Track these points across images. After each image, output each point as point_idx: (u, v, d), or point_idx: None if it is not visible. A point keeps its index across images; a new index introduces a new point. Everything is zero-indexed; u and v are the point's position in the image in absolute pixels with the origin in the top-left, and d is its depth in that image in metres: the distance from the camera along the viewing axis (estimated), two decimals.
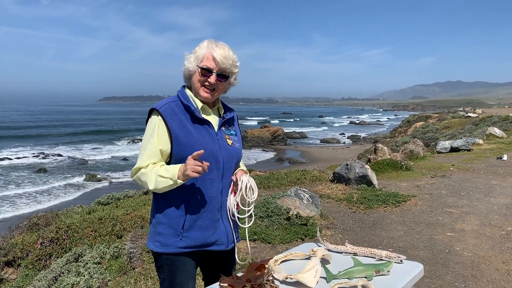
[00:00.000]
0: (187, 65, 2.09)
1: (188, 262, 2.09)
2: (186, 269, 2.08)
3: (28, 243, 6.10)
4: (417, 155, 12.79)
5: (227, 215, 2.15)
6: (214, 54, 2.04)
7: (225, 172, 2.11)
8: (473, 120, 29.93)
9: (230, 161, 2.14)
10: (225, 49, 2.07)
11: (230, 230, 2.16)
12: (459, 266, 4.53)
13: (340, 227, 5.99)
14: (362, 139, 48.26)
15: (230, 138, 2.18)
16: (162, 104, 2.06)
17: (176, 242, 2.03)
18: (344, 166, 8.75)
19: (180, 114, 2.05)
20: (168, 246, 2.04)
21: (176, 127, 2.01)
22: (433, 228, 5.86)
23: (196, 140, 2.02)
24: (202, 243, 2.06)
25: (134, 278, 4.26)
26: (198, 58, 2.06)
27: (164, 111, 2.03)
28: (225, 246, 2.14)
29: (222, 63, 2.04)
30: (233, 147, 2.17)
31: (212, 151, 2.04)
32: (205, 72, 2.05)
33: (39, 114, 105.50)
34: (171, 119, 2.01)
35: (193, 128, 2.04)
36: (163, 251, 2.06)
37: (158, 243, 2.07)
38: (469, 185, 8.69)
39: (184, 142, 2.00)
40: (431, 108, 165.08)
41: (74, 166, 28.72)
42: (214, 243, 2.09)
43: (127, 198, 8.42)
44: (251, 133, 44.64)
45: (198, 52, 2.07)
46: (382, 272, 1.88)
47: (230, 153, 2.14)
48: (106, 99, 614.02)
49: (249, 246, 2.49)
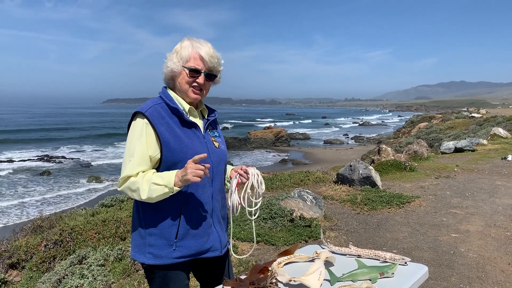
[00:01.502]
0: (171, 65, 1.98)
1: (181, 271, 2.02)
2: (180, 278, 2.02)
3: (32, 245, 6.11)
4: (421, 155, 12.75)
5: (218, 219, 2.09)
6: (201, 53, 1.97)
7: (215, 176, 2.05)
8: (477, 121, 29.80)
9: (219, 164, 2.08)
10: (209, 47, 2.00)
11: (222, 234, 2.12)
12: (464, 268, 4.50)
13: (344, 229, 5.96)
14: (366, 140, 48.17)
15: (216, 141, 2.12)
16: (147, 107, 1.94)
17: (170, 252, 1.94)
18: (347, 167, 8.73)
19: (167, 118, 1.94)
20: (162, 257, 1.95)
21: (165, 132, 1.90)
22: (437, 229, 5.83)
23: (187, 144, 1.94)
24: (197, 251, 2.00)
25: (137, 281, 4.26)
26: (183, 58, 1.97)
27: (151, 114, 1.91)
28: (219, 251, 2.09)
29: (210, 62, 1.98)
30: (220, 149, 2.12)
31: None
32: (193, 73, 1.97)
33: (42, 117, 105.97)
34: (158, 123, 1.90)
35: (182, 132, 1.95)
36: (156, 263, 1.96)
37: (150, 255, 1.96)
38: (474, 186, 8.64)
39: (174, 147, 1.90)
40: (434, 108, 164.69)
41: (78, 169, 28.79)
42: (209, 250, 2.04)
43: (130, 200, 8.42)
44: (254, 134, 44.63)
45: (182, 52, 1.98)
46: (386, 275, 1.86)
47: (219, 156, 2.08)
48: (110, 101, 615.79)
49: (255, 234, 2.47)
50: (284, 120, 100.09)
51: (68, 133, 58.16)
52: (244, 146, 40.38)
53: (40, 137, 50.98)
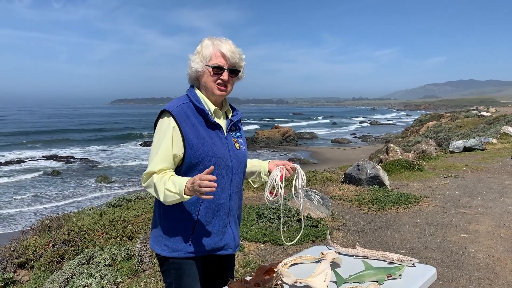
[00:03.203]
0: (195, 66, 2.04)
1: (195, 265, 2.08)
2: (193, 272, 2.07)
3: (41, 245, 6.16)
4: (429, 155, 12.64)
5: (234, 219, 2.16)
6: (222, 50, 2.01)
7: (234, 177, 2.10)
8: (487, 119, 29.52)
9: (239, 166, 2.13)
10: (230, 43, 2.05)
11: (236, 233, 2.18)
12: (473, 268, 4.45)
13: (352, 229, 5.93)
14: (374, 139, 47.93)
15: (238, 142, 2.16)
16: (174, 106, 1.99)
17: (186, 247, 2.02)
18: (355, 167, 8.68)
19: (193, 118, 1.99)
20: (177, 251, 2.02)
21: (190, 132, 1.95)
22: (446, 230, 5.78)
23: (209, 146, 1.98)
24: (211, 248, 2.06)
25: (144, 281, 4.27)
26: (206, 57, 2.02)
27: (177, 114, 1.96)
28: (233, 250, 2.15)
29: (232, 58, 2.02)
30: (241, 151, 2.15)
31: (224, 157, 2.03)
32: (217, 70, 2.01)
33: (51, 117, 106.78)
34: (184, 123, 1.96)
35: (205, 132, 2.00)
36: (171, 255, 2.03)
37: (166, 247, 2.04)
38: (483, 185, 8.55)
39: (197, 147, 1.95)
40: (443, 107, 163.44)
41: (86, 169, 28.99)
42: (223, 248, 2.10)
43: (138, 200, 8.46)
44: (262, 134, 44.61)
45: (204, 52, 2.03)
46: (393, 276, 1.84)
47: (239, 157, 2.12)
48: (118, 101, 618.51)
49: (303, 221, 2.46)
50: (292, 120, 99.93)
51: (76, 132, 58.55)
52: (252, 146, 40.40)
53: (49, 137, 51.38)
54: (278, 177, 2.14)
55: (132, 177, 25.33)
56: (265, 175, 2.25)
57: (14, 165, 30.05)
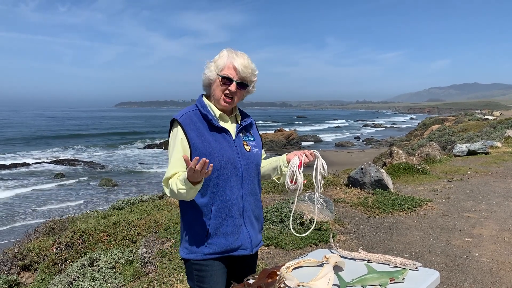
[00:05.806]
0: (208, 73, 2.14)
1: (215, 267, 2.14)
2: (214, 274, 2.13)
3: (45, 247, 6.18)
4: (433, 158, 12.60)
5: (250, 220, 2.20)
6: (235, 64, 2.09)
7: (245, 178, 2.17)
8: (491, 123, 29.39)
9: (249, 167, 2.19)
10: (244, 58, 2.14)
11: (254, 234, 2.22)
12: (477, 273, 4.43)
13: (355, 232, 5.92)
14: (378, 142, 47.82)
15: (248, 144, 2.23)
16: (181, 114, 2.14)
17: (202, 249, 2.11)
18: (359, 170, 8.66)
19: (199, 123, 2.11)
20: (195, 253, 2.12)
21: (195, 137, 2.07)
22: (450, 233, 5.75)
23: (214, 148, 2.07)
24: (226, 248, 2.12)
25: (147, 284, 4.27)
26: (219, 67, 2.11)
27: (183, 121, 2.10)
28: (249, 250, 2.19)
29: (243, 72, 2.10)
30: (251, 153, 2.22)
31: (230, 159, 2.10)
32: (226, 81, 2.10)
33: (56, 120, 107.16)
34: (189, 129, 2.08)
35: (211, 136, 2.10)
36: (190, 257, 2.14)
37: (185, 249, 2.17)
38: (487, 189, 8.52)
39: (201, 150, 2.05)
40: (447, 110, 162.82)
41: (90, 171, 29.07)
42: (239, 248, 2.15)
43: (141, 203, 8.47)
44: (265, 136, 44.61)
45: (219, 62, 2.12)
46: (396, 280, 1.84)
47: (248, 159, 2.18)
48: (122, 104, 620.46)
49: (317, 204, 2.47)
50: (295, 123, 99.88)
51: (81, 136, 58.70)
52: None
53: (54, 140, 51.58)
54: (297, 164, 2.16)
55: (136, 180, 25.37)
56: (285, 166, 2.28)
57: (19, 168, 30.16)
